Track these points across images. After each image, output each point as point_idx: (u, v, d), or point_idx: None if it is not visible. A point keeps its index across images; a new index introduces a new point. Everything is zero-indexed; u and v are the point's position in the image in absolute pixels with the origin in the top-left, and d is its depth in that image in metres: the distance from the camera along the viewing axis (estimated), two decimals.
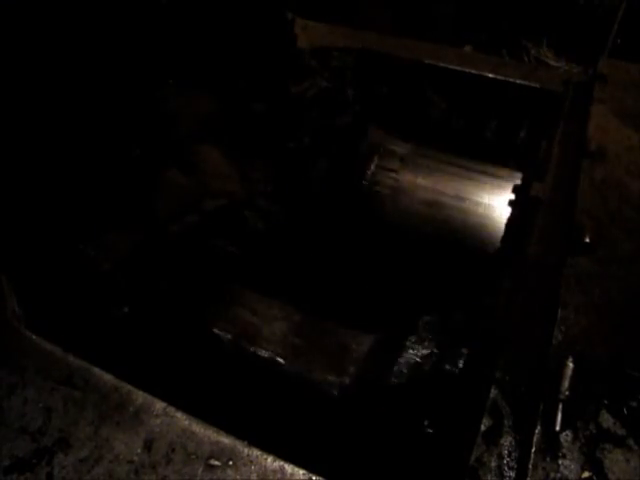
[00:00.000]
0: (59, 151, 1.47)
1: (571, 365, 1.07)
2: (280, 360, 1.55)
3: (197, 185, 1.79)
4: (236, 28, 1.94)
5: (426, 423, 1.36)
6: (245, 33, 1.97)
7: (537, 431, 0.99)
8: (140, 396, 1.13)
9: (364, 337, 1.65)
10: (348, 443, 1.37)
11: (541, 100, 2.22)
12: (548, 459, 0.94)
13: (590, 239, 1.36)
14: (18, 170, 1.39)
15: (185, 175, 1.78)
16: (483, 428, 1.09)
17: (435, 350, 1.54)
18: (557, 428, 0.96)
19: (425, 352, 1.58)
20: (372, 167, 1.97)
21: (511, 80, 2.31)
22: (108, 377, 1.17)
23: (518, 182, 1.94)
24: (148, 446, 1.06)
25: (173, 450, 1.05)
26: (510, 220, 1.75)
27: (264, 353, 1.55)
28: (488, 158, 2.21)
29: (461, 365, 1.44)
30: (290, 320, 1.62)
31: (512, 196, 1.90)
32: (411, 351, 1.57)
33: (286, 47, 2.13)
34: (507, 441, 1.07)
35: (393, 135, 2.12)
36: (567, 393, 1.02)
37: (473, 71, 2.34)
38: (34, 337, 1.24)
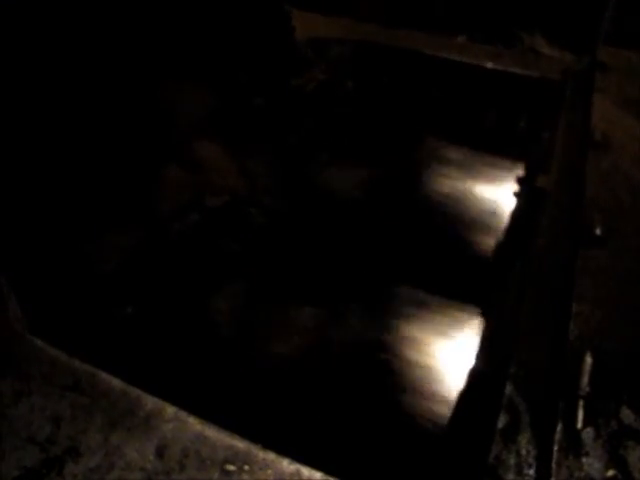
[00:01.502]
0: (58, 150, 1.44)
1: (589, 360, 1.05)
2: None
3: (198, 181, 1.76)
4: (235, 22, 1.90)
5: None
6: (244, 26, 1.93)
7: (558, 429, 0.97)
8: (150, 401, 1.10)
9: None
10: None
11: (541, 90, 2.20)
12: (571, 457, 0.93)
13: (601, 232, 1.34)
14: (17, 170, 1.35)
15: (186, 171, 1.75)
16: (500, 425, 1.07)
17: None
18: (579, 426, 0.95)
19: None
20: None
21: (510, 70, 2.29)
22: (116, 382, 1.14)
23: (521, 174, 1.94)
24: (160, 452, 1.03)
25: (187, 456, 1.03)
26: (516, 212, 1.74)
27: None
28: (488, 149, 2.19)
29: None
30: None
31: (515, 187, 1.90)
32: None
33: (284, 40, 2.10)
34: (525, 438, 1.05)
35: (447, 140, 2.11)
36: (587, 389, 1.00)
37: (472, 61, 2.31)
38: (38, 342, 1.21)
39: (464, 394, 1.29)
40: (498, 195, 1.89)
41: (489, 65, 2.28)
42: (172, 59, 1.75)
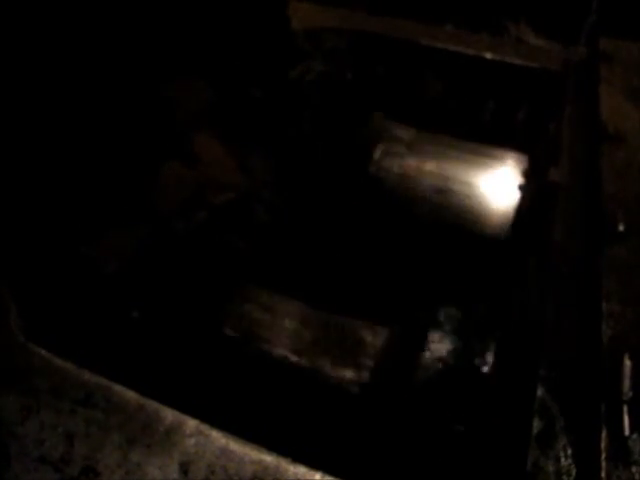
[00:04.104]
0: (55, 149, 1.35)
1: (628, 363, 1.02)
2: (293, 358, 1.48)
3: (198, 177, 1.68)
4: (231, 13, 1.83)
5: (457, 423, 1.30)
6: (240, 18, 1.85)
7: (603, 436, 0.94)
8: (169, 414, 1.04)
9: (381, 330, 1.58)
10: (370, 445, 1.31)
11: (542, 81, 2.17)
12: (621, 467, 0.89)
13: (623, 227, 1.31)
14: (14, 170, 1.27)
15: (186, 167, 1.67)
16: (535, 431, 1.04)
17: (461, 344, 1.49)
18: (626, 433, 0.91)
19: (450, 346, 1.52)
20: (378, 153, 1.91)
21: (509, 60, 2.26)
22: (131, 394, 1.07)
23: (526, 166, 1.91)
24: (184, 470, 0.97)
25: (213, 472, 0.97)
26: (527, 206, 1.70)
27: (276, 351, 1.47)
28: (488, 141, 2.16)
29: (491, 359, 1.40)
30: (302, 315, 1.54)
31: (521, 180, 1.88)
32: (435, 345, 1.52)
33: (281, 31, 2.03)
34: (562, 444, 1.02)
35: (397, 121, 2.05)
36: (630, 394, 0.97)
37: (470, 52, 2.27)
38: (43, 352, 1.13)
39: (496, 399, 1.26)
40: (506, 190, 1.86)
41: (488, 55, 2.24)
42: (169, 53, 1.67)
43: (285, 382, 1.42)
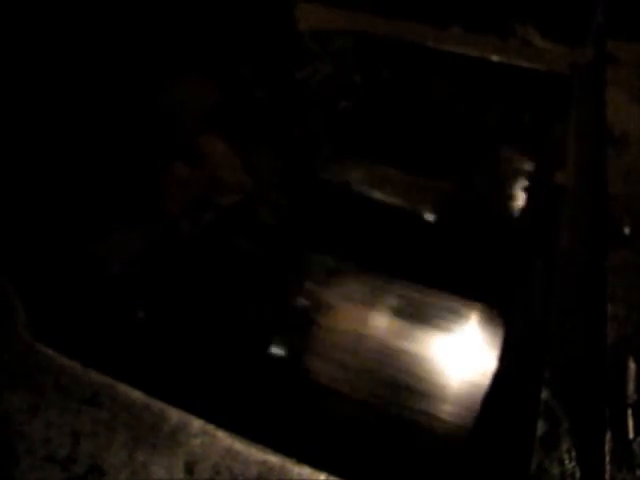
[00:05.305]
0: (61, 148, 1.36)
1: (633, 366, 1.02)
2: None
3: (204, 178, 1.69)
4: (237, 14, 1.83)
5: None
6: (246, 19, 1.86)
7: (607, 439, 0.94)
8: (175, 414, 1.05)
9: None
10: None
11: (548, 83, 2.17)
12: (625, 470, 0.89)
13: (629, 231, 1.31)
14: (19, 170, 1.28)
15: (192, 168, 1.68)
16: (539, 432, 1.04)
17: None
18: (630, 436, 0.91)
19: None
20: None
21: (515, 63, 2.26)
22: (137, 394, 1.08)
23: None
24: (190, 469, 0.98)
25: (218, 472, 0.98)
26: (531, 208, 1.71)
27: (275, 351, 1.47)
28: (493, 144, 2.16)
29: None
30: None
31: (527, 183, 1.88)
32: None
33: (288, 32, 2.04)
34: (566, 446, 1.02)
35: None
36: (634, 397, 0.97)
37: (477, 54, 2.27)
38: (50, 352, 1.14)
39: (500, 400, 1.26)
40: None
41: (495, 58, 2.24)
42: (175, 54, 1.67)
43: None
